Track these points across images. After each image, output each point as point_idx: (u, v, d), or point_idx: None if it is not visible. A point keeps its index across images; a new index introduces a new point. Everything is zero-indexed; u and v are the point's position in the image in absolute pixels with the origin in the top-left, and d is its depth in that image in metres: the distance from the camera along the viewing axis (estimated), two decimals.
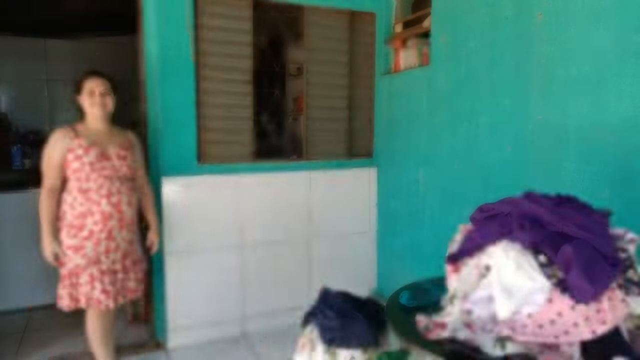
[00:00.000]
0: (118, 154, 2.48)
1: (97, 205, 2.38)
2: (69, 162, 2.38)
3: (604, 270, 1.20)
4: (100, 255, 2.42)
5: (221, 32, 3.05)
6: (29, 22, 4.77)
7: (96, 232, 2.39)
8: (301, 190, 3.40)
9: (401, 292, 1.73)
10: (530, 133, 2.33)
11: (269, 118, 3.96)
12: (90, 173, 2.37)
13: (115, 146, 2.49)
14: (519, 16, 2.37)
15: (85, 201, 2.38)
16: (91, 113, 2.49)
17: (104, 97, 2.49)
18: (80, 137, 2.43)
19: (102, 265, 2.43)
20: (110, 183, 2.41)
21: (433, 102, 3.02)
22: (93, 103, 2.47)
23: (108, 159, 2.44)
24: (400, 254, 3.44)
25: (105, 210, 2.39)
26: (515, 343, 1.22)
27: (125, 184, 2.48)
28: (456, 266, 1.45)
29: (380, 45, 3.55)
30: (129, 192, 2.49)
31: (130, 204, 2.49)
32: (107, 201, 2.40)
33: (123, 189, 2.46)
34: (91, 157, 2.38)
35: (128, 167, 2.51)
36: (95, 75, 2.53)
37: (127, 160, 2.50)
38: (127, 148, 2.54)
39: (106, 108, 2.50)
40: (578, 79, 2.09)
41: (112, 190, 2.41)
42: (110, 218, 2.41)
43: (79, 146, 2.39)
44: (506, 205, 1.40)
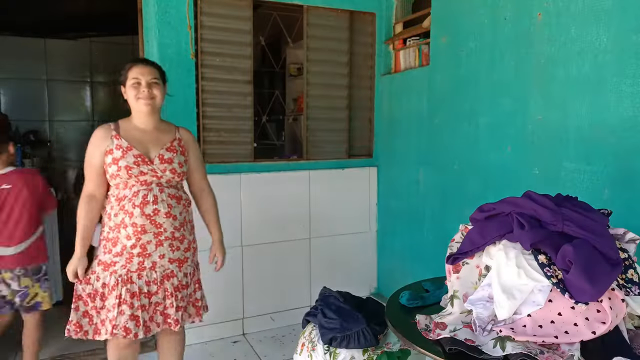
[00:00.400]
0: (161, 156, 2.08)
1: (130, 217, 2.00)
2: (106, 166, 2.04)
3: (604, 270, 1.20)
4: (132, 275, 2.04)
5: (221, 32, 3.05)
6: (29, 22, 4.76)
7: (128, 248, 2.02)
8: (301, 190, 3.40)
9: (401, 292, 1.73)
10: (530, 133, 2.33)
11: (269, 118, 3.96)
12: (127, 179, 2.01)
13: (160, 147, 2.10)
14: (519, 16, 2.37)
15: (120, 211, 2.02)
16: (136, 107, 2.08)
17: (152, 88, 2.07)
18: (121, 136, 2.06)
19: (134, 286, 2.04)
20: (148, 190, 2.03)
21: (433, 102, 3.02)
22: (138, 95, 2.05)
23: (148, 162, 2.04)
24: (400, 254, 3.44)
25: (137, 223, 2.01)
26: (515, 343, 1.22)
27: (168, 191, 2.08)
28: (456, 266, 1.45)
29: (380, 45, 3.55)
30: (171, 201, 2.08)
31: (171, 216, 2.06)
32: (141, 211, 2.00)
33: (163, 197, 2.05)
34: (128, 160, 2.01)
35: (173, 172, 2.09)
36: (142, 63, 2.12)
37: (172, 164, 2.09)
38: (173, 149, 2.13)
39: (154, 101, 2.08)
40: (578, 79, 2.09)
41: (148, 198, 2.02)
42: (144, 232, 2.02)
43: (118, 147, 2.03)
44: (506, 205, 1.40)
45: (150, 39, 2.92)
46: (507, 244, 1.33)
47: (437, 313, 1.49)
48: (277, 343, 3.11)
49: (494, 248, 1.36)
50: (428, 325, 1.43)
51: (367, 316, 2.16)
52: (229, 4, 3.06)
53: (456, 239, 1.54)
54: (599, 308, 1.21)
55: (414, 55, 3.27)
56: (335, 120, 3.52)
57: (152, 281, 2.07)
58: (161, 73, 2.14)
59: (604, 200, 1.99)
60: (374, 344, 2.13)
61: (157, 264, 2.07)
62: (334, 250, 3.54)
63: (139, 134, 2.09)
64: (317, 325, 2.25)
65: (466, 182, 2.76)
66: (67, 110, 5.56)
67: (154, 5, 2.85)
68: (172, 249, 2.10)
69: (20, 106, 5.23)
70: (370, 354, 2.12)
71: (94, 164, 2.05)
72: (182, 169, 2.13)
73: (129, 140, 2.05)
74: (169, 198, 2.07)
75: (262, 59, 3.97)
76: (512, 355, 1.19)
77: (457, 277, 1.44)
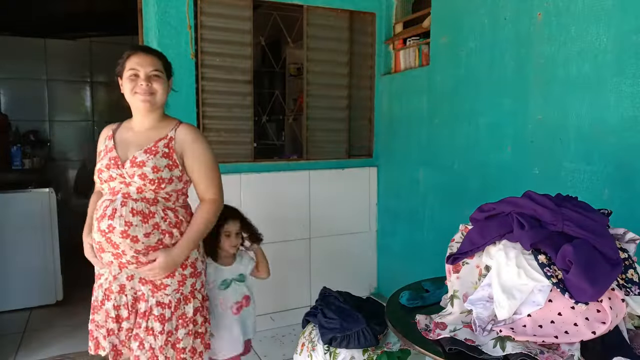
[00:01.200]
0: (134, 158, 1.69)
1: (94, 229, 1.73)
2: None
3: (604, 270, 1.20)
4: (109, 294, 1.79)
5: (221, 32, 3.05)
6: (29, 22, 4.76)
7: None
8: (301, 190, 3.40)
9: (401, 292, 1.73)
10: (530, 133, 2.33)
11: (268, 118, 3.96)
12: (99, 184, 1.77)
13: (138, 148, 1.73)
14: (519, 16, 2.36)
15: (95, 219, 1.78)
16: (133, 103, 1.77)
17: (151, 81, 1.73)
18: (113, 137, 1.81)
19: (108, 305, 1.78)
20: (110, 201, 1.69)
21: (433, 102, 3.02)
22: (135, 89, 1.72)
23: (120, 165, 1.70)
24: (400, 254, 3.44)
25: (95, 238, 1.72)
26: (515, 343, 1.22)
27: (133, 205, 1.67)
28: (456, 266, 1.45)
29: (380, 45, 3.55)
30: (132, 219, 1.65)
31: (129, 237, 1.64)
32: (97, 226, 1.69)
33: (123, 211, 1.65)
34: (102, 163, 1.74)
35: (143, 177, 1.66)
36: (142, 51, 1.76)
37: (143, 167, 1.67)
38: (154, 150, 1.72)
39: (154, 97, 1.74)
40: (578, 79, 2.09)
41: (107, 211, 1.67)
42: (102, 250, 1.70)
43: (102, 148, 1.81)
44: (506, 205, 1.40)
45: (150, 39, 2.92)
46: (507, 244, 1.33)
47: (437, 313, 1.49)
48: (277, 343, 3.11)
49: (494, 248, 1.36)
50: (428, 325, 1.43)
51: (367, 316, 2.16)
52: (229, 4, 3.06)
53: (456, 239, 1.54)
54: (599, 308, 1.21)
55: (414, 55, 3.27)
56: (335, 120, 3.52)
57: (122, 305, 1.77)
58: (165, 64, 1.80)
59: (604, 200, 1.99)
60: (374, 344, 2.13)
61: (125, 287, 1.76)
62: (334, 250, 3.54)
63: (130, 135, 1.80)
64: (317, 325, 2.25)
65: (466, 182, 2.76)
66: (67, 110, 5.56)
67: (154, 5, 2.85)
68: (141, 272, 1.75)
69: (20, 106, 5.22)
70: (370, 354, 2.12)
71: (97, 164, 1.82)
72: (156, 174, 1.67)
73: (118, 141, 1.78)
74: (131, 214, 1.65)
75: (262, 59, 3.97)
76: (512, 355, 1.19)
77: (457, 277, 1.44)
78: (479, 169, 2.66)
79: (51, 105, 5.45)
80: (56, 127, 5.50)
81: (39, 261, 3.56)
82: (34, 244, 3.55)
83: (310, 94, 3.42)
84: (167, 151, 1.73)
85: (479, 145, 2.66)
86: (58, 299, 3.64)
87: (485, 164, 2.62)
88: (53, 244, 3.60)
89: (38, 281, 3.57)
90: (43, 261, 3.58)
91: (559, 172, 2.19)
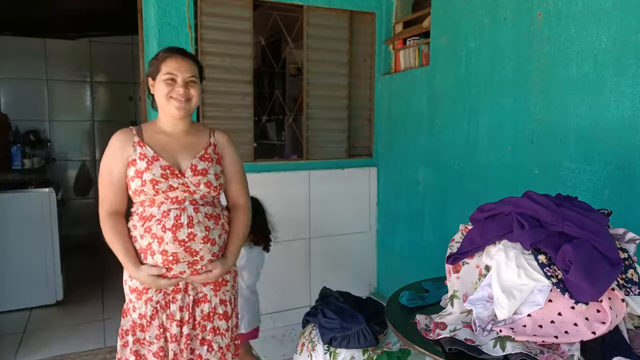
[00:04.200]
0: (194, 167, 1.69)
1: (159, 242, 1.63)
2: (128, 180, 1.67)
3: (604, 270, 1.20)
4: (169, 299, 1.72)
5: (221, 32, 3.05)
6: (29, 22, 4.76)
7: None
8: (301, 190, 3.40)
9: (401, 292, 1.73)
10: (530, 133, 2.33)
11: (268, 118, 3.96)
12: (153, 195, 1.65)
13: (192, 155, 1.72)
14: (519, 16, 2.37)
15: (146, 234, 1.65)
16: (166, 108, 1.70)
17: (189, 87, 1.70)
18: (145, 143, 1.68)
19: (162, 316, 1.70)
20: (180, 210, 1.64)
21: (433, 102, 3.02)
22: (171, 94, 1.68)
23: (179, 174, 1.67)
24: (400, 253, 3.44)
25: (168, 250, 1.63)
26: (515, 343, 1.22)
27: (204, 210, 1.69)
28: (456, 266, 1.45)
29: (380, 45, 3.55)
30: (209, 223, 1.69)
31: (209, 240, 1.68)
32: (173, 236, 1.62)
33: (200, 217, 1.66)
34: (155, 173, 1.64)
35: (209, 185, 1.70)
36: (180, 55, 1.72)
37: (207, 175, 1.70)
38: (208, 157, 1.74)
39: (190, 104, 1.71)
40: (578, 79, 2.09)
41: (181, 220, 1.63)
42: (176, 261, 1.64)
43: (142, 157, 1.66)
44: (506, 205, 1.40)
45: (150, 39, 2.92)
46: (507, 244, 1.33)
47: (437, 313, 1.49)
48: (277, 343, 3.11)
49: (494, 248, 1.36)
50: (428, 325, 1.43)
51: (367, 316, 2.17)
52: (229, 4, 3.06)
53: (456, 239, 1.54)
54: (599, 308, 1.21)
55: (414, 55, 3.27)
56: (335, 120, 3.52)
57: (184, 307, 1.72)
58: (199, 69, 1.77)
59: (604, 200, 1.99)
60: (374, 344, 2.13)
61: (189, 286, 1.72)
62: (334, 250, 3.54)
63: (165, 140, 1.73)
64: (317, 325, 2.25)
65: (466, 182, 2.76)
66: (67, 110, 5.57)
67: (154, 5, 2.85)
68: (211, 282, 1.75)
69: (20, 106, 5.23)
70: (370, 354, 2.12)
71: (114, 177, 1.68)
72: (218, 181, 1.73)
73: (155, 148, 1.68)
74: (206, 219, 1.68)
75: (262, 59, 3.97)
76: (512, 355, 1.19)
77: (457, 277, 1.44)
78: (479, 169, 2.66)
79: (51, 105, 5.45)
80: (56, 127, 5.51)
81: (38, 261, 3.57)
82: (34, 244, 3.56)
83: (310, 94, 3.42)
84: (216, 157, 1.78)
85: (479, 145, 2.66)
86: (58, 299, 3.65)
87: (485, 164, 2.62)
88: (53, 244, 3.61)
89: (38, 281, 3.57)
90: (43, 261, 3.58)
91: (559, 172, 2.19)
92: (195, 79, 1.72)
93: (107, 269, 4.35)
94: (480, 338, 1.28)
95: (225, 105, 3.12)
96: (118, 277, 1.83)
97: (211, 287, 1.75)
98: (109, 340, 3.09)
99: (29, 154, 4.73)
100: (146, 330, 1.69)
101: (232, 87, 3.13)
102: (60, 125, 5.53)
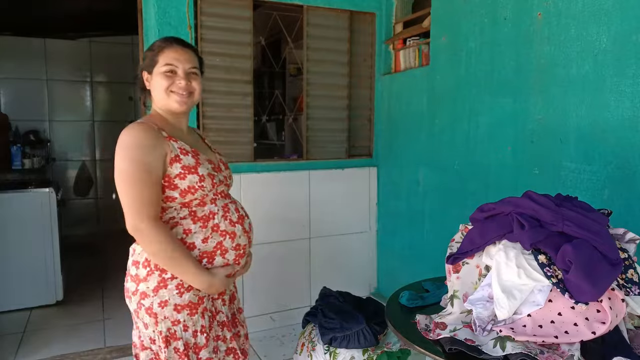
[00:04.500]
0: (221, 160, 1.71)
1: (232, 238, 1.56)
2: (173, 178, 1.48)
3: (604, 270, 1.20)
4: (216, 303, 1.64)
5: (221, 32, 3.05)
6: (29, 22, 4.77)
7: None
8: (301, 190, 3.40)
9: (401, 292, 1.73)
10: (530, 133, 2.33)
11: (268, 118, 3.96)
12: (209, 191, 1.54)
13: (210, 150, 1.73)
14: (519, 16, 2.37)
15: (214, 234, 1.53)
16: (166, 103, 1.56)
17: (190, 79, 1.56)
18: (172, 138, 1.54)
19: (222, 316, 1.64)
20: (232, 202, 1.65)
21: (433, 102, 3.02)
22: (172, 88, 1.54)
23: (218, 169, 1.65)
24: (400, 254, 3.44)
25: (240, 244, 1.60)
26: (515, 343, 1.22)
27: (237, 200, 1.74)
28: (456, 266, 1.45)
29: (380, 45, 3.55)
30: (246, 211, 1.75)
31: (252, 228, 1.72)
32: (242, 228, 1.61)
33: (243, 207, 1.72)
34: (207, 167, 1.55)
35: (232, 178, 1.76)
36: (179, 45, 1.57)
37: (230, 170, 1.75)
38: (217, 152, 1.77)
39: (192, 98, 1.58)
40: (578, 79, 2.09)
41: (240, 212, 1.65)
42: (245, 253, 1.64)
43: (185, 152, 1.51)
44: (506, 205, 1.40)
45: (150, 39, 2.92)
46: (507, 244, 1.33)
47: (437, 313, 1.49)
48: (277, 343, 3.11)
49: (494, 248, 1.36)
50: (428, 325, 1.43)
51: (367, 316, 2.17)
52: (229, 4, 3.06)
53: (456, 239, 1.54)
54: (599, 308, 1.21)
55: (414, 55, 3.27)
56: (335, 120, 3.52)
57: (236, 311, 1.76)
58: (200, 61, 1.64)
59: (604, 200, 1.99)
60: (374, 344, 2.13)
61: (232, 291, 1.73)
62: (334, 250, 3.54)
63: (185, 137, 1.62)
64: (317, 325, 2.25)
65: (466, 182, 2.76)
66: (67, 110, 5.57)
67: (154, 5, 2.85)
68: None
69: (20, 106, 5.23)
70: (370, 354, 2.12)
71: (154, 174, 1.45)
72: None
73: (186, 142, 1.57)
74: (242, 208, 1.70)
75: (262, 59, 3.97)
76: (512, 355, 1.19)
77: (457, 277, 1.44)
78: (479, 169, 2.66)
79: (51, 105, 5.45)
80: (56, 127, 5.51)
81: (38, 261, 3.56)
82: (34, 243, 3.55)
83: (310, 94, 3.42)
84: None
85: (479, 145, 2.66)
86: (58, 299, 3.65)
87: (485, 164, 2.62)
88: (53, 243, 3.61)
89: (38, 281, 3.57)
90: (43, 261, 3.58)
91: (559, 172, 2.19)
92: (196, 70, 1.59)
93: (107, 269, 4.35)
94: (480, 338, 1.28)
95: (225, 105, 3.12)
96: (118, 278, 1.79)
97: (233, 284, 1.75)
98: (109, 340, 3.09)
99: (29, 154, 4.73)
100: (202, 349, 1.53)
101: (232, 87, 3.13)
102: (60, 125, 5.53)
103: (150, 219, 1.43)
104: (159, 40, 1.58)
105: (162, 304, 1.47)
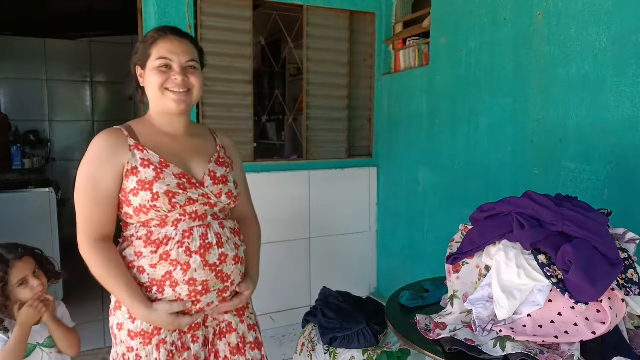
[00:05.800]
0: (213, 173, 1.39)
1: (184, 270, 1.29)
2: (127, 194, 1.30)
3: (604, 270, 1.20)
4: (186, 338, 1.37)
5: (221, 32, 3.05)
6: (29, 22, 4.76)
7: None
8: (301, 190, 3.40)
9: (401, 292, 1.73)
10: (530, 133, 2.33)
11: (268, 118, 3.96)
12: (167, 212, 1.29)
13: (205, 160, 1.41)
14: (519, 16, 2.36)
15: (162, 262, 1.29)
16: (161, 103, 1.36)
17: (188, 74, 1.36)
18: (144, 146, 1.33)
19: (190, 354, 1.37)
20: (205, 227, 1.34)
21: (433, 102, 3.02)
22: (166, 85, 1.34)
23: (197, 184, 1.35)
24: (400, 253, 3.44)
25: (197, 279, 1.30)
26: (515, 343, 1.22)
27: (228, 225, 1.41)
28: (456, 266, 1.45)
29: (380, 45, 3.55)
30: (236, 240, 1.41)
31: (239, 260, 1.40)
32: (203, 261, 1.30)
33: (227, 234, 1.38)
34: (169, 183, 1.29)
35: (230, 196, 1.41)
36: (174, 35, 1.36)
37: (228, 184, 1.41)
38: (224, 162, 1.46)
39: (191, 95, 1.37)
40: (578, 79, 2.09)
41: (209, 239, 1.33)
42: (206, 291, 1.33)
43: (146, 164, 1.30)
44: (506, 205, 1.40)
45: None
46: (507, 244, 1.33)
47: (437, 313, 1.49)
48: (277, 343, 3.11)
49: (494, 248, 1.36)
50: (428, 325, 1.43)
51: (367, 316, 2.17)
52: (229, 4, 3.05)
53: (456, 239, 1.54)
54: (599, 308, 1.21)
55: (414, 55, 3.27)
56: (335, 120, 3.52)
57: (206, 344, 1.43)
58: (200, 52, 1.43)
59: (604, 200, 1.99)
60: (374, 344, 2.13)
61: (208, 318, 1.41)
62: (334, 250, 3.54)
63: (168, 142, 1.38)
64: (317, 325, 2.25)
65: (466, 182, 2.76)
66: (67, 110, 5.56)
67: (154, 5, 2.85)
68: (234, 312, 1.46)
69: (20, 106, 5.23)
70: (370, 354, 2.12)
71: (102, 191, 1.29)
72: (237, 190, 1.45)
73: (158, 151, 1.33)
74: (233, 235, 1.40)
75: (262, 59, 3.97)
76: (512, 355, 1.19)
77: (457, 277, 1.44)
78: (479, 169, 2.66)
79: (51, 105, 5.45)
80: (56, 127, 5.51)
81: None
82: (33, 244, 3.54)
83: (310, 94, 3.42)
84: (230, 162, 1.49)
85: (479, 145, 2.66)
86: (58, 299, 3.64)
87: (485, 164, 2.62)
88: (53, 244, 3.60)
89: None
90: None
91: (559, 172, 2.19)
92: (195, 63, 1.37)
93: None
94: (480, 338, 1.28)
95: (225, 105, 3.12)
96: None
97: (233, 313, 1.45)
98: (109, 340, 3.08)
99: (29, 154, 4.74)
100: None
101: (232, 87, 3.13)
102: (60, 125, 5.53)
103: (87, 240, 1.31)
104: (153, 31, 1.38)
105: (119, 326, 1.36)
